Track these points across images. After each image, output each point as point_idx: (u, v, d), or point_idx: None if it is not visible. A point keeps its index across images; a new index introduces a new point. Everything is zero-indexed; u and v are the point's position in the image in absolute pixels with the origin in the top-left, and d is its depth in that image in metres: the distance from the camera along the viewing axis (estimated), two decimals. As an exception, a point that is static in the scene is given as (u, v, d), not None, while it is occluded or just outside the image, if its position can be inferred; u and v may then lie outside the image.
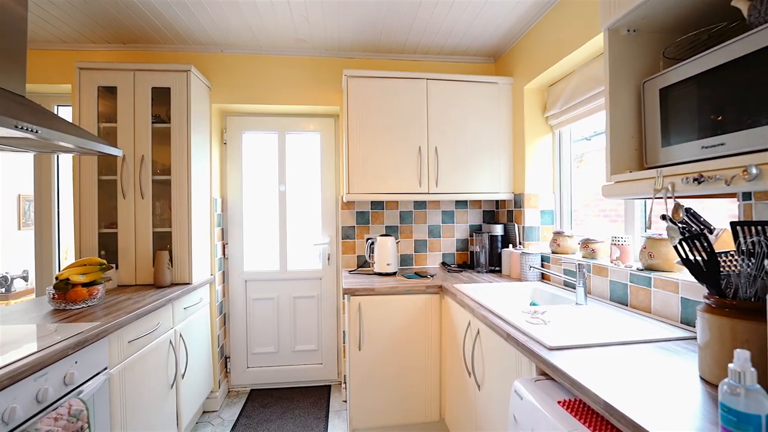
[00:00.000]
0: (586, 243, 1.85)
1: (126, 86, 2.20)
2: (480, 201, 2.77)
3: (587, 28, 1.75)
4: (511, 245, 2.44)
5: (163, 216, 2.34)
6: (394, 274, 2.38)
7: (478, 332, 1.57)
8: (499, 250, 2.46)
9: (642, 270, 1.48)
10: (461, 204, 2.76)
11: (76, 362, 1.26)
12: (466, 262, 2.73)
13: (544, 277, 2.16)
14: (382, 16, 2.18)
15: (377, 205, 2.68)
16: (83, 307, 1.69)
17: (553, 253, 2.08)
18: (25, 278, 4.25)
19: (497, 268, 2.45)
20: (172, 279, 2.20)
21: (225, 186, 2.77)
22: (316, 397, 2.67)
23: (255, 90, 2.61)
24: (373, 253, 2.46)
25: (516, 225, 2.42)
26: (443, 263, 2.71)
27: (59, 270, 2.68)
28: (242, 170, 2.78)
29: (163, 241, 2.29)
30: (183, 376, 2.05)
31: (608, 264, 1.66)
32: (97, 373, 1.37)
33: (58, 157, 2.67)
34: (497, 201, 2.75)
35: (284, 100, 2.63)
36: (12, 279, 4.07)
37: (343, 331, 2.66)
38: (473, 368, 1.60)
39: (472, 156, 2.43)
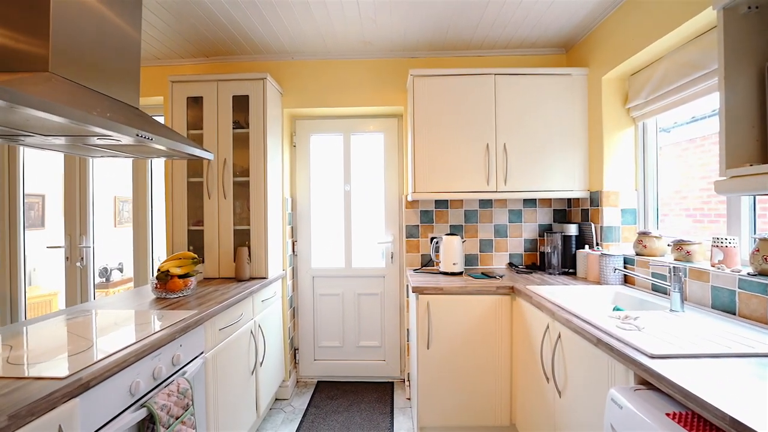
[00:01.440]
0: (679, 244, 1.69)
1: (210, 96, 2.40)
2: (550, 199, 2.65)
3: (681, 10, 1.59)
4: (587, 246, 2.30)
5: (241, 215, 2.52)
6: (460, 273, 2.35)
7: (559, 336, 1.50)
8: (574, 251, 2.33)
9: (754, 275, 1.32)
10: (530, 203, 2.66)
11: (181, 345, 1.41)
12: (535, 264, 2.62)
13: (626, 281, 2.00)
14: (449, 14, 2.16)
15: (441, 204, 2.66)
16: (179, 296, 1.87)
17: (638, 255, 1.93)
18: (120, 269, 4.82)
19: (571, 270, 2.32)
20: (251, 273, 2.36)
21: (294, 186, 2.91)
22: (380, 393, 2.72)
23: (322, 94, 2.72)
24: (438, 252, 2.45)
25: (593, 225, 2.27)
26: (510, 264, 2.62)
27: (153, 263, 3.00)
28: (310, 171, 2.91)
29: (241, 238, 2.46)
30: (261, 364, 2.19)
31: (709, 268, 1.50)
32: (196, 357, 1.52)
33: (151, 162, 2.99)
34: (569, 199, 2.60)
35: (349, 102, 2.71)
36: (110, 270, 4.63)
37: (407, 330, 2.68)
38: (553, 374, 1.53)
39: (543, 152, 2.32)
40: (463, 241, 2.42)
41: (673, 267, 1.48)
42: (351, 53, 2.68)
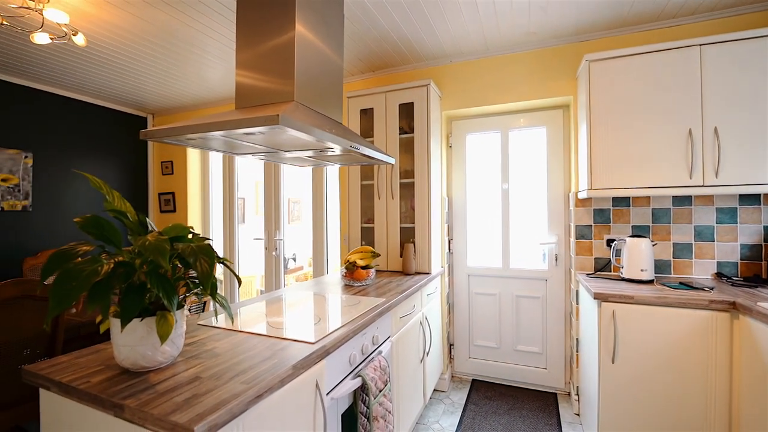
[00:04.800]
0: None
1: (379, 106, 2.66)
2: (783, 194, 2.06)
3: None
4: None
5: (405, 213, 2.72)
6: (650, 282, 2.03)
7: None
8: (830, 263, 1.76)
9: None
10: (749, 199, 2.12)
11: (377, 328, 1.60)
12: (758, 275, 2.08)
13: None
14: (640, -16, 1.89)
15: (621, 201, 2.35)
16: (363, 284, 2.14)
17: None
18: (294, 259, 5.78)
19: (825, 287, 1.76)
20: (416, 268, 2.52)
21: (450, 186, 2.99)
22: (543, 403, 2.57)
23: (480, 92, 2.71)
24: (619, 255, 2.17)
25: None
26: (719, 274, 2.14)
27: (328, 256, 3.49)
28: (465, 170, 2.94)
29: (406, 235, 2.66)
30: (427, 354, 2.32)
31: None
32: (386, 339, 1.71)
33: (326, 169, 3.48)
34: (817, 194, 1.97)
35: (509, 98, 2.64)
36: (287, 259, 5.59)
37: (576, 339, 2.46)
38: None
39: (777, 134, 1.82)
40: (653, 244, 2.09)
41: None
42: (512, 47, 2.60)
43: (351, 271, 2.14)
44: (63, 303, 0.75)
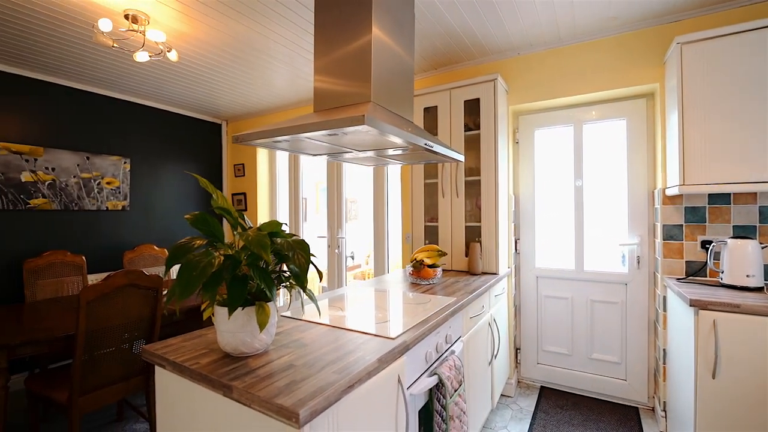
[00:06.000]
0: None
1: (444, 103, 2.63)
2: None
3: None
4: None
5: (471, 212, 2.67)
6: (758, 289, 1.79)
7: None
8: None
9: None
10: None
11: (450, 327, 1.59)
12: None
13: None
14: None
15: (718, 198, 2.10)
16: (429, 283, 2.13)
17: None
18: (352, 257, 5.91)
19: None
20: (482, 268, 2.46)
21: (516, 183, 2.88)
22: (622, 417, 2.37)
23: (550, 85, 2.57)
24: (717, 259, 1.95)
25: None
26: None
27: (388, 254, 3.53)
28: (534, 167, 2.82)
29: (471, 234, 2.60)
30: (495, 356, 2.26)
31: None
32: (457, 339, 1.69)
33: (387, 168, 3.52)
34: None
35: (584, 89, 2.47)
36: (346, 257, 5.73)
37: (663, 350, 2.25)
38: None
39: None
40: (763, 247, 1.84)
41: None
42: (588, 34, 2.43)
43: (418, 269, 2.14)
44: (187, 290, 0.83)
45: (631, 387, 2.49)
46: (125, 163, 3.55)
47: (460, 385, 1.46)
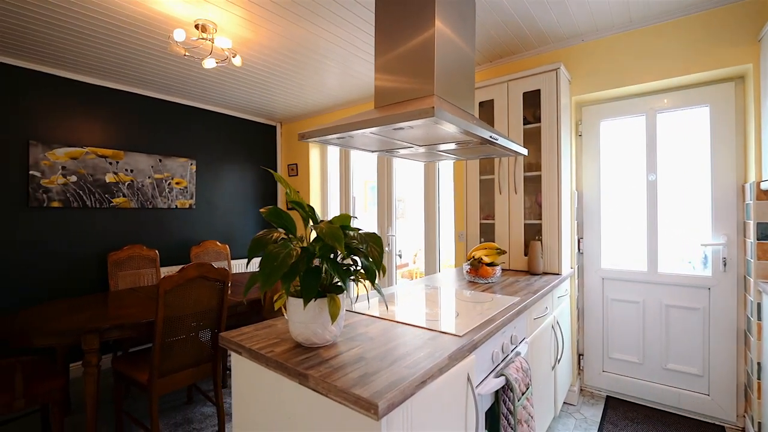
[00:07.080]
0: None
1: (500, 96, 2.54)
2: None
3: None
4: None
5: (530, 209, 2.55)
6: None
7: None
8: None
9: None
10: None
11: (515, 327, 1.52)
12: None
13: None
14: None
15: (829, 192, 1.84)
16: (488, 282, 2.06)
17: None
18: (400, 255, 5.90)
19: None
20: (544, 268, 2.34)
21: (580, 179, 2.71)
22: (706, 435, 2.15)
23: (619, 72, 2.39)
24: (829, 262, 1.69)
25: None
26: None
27: (440, 252, 3.48)
28: (599, 161, 2.63)
29: (531, 232, 2.49)
30: (559, 361, 2.14)
31: None
32: (522, 340, 1.61)
33: (439, 164, 3.47)
34: None
35: (658, 74, 2.27)
36: (396, 255, 5.73)
37: (757, 363, 2.00)
38: None
39: None
40: None
41: None
42: (663, 15, 2.23)
43: (476, 267, 2.08)
44: (269, 280, 0.87)
45: (716, 403, 2.25)
46: (192, 164, 3.82)
47: (527, 389, 1.39)
